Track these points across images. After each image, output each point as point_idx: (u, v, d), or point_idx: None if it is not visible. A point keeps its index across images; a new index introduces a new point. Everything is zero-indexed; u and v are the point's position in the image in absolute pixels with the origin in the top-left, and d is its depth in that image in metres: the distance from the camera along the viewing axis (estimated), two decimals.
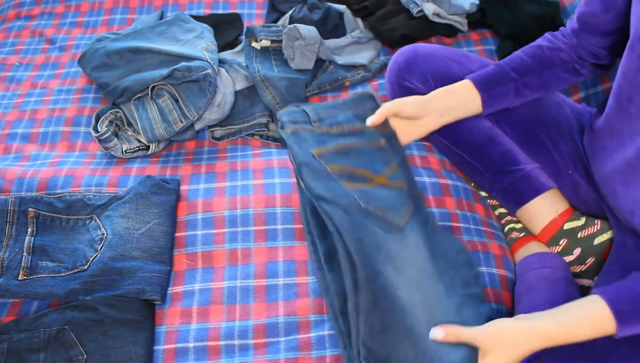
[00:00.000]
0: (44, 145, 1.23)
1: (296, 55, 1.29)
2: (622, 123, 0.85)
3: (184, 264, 0.99)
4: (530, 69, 0.95)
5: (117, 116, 1.19)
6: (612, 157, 0.88)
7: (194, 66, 1.17)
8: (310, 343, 0.89)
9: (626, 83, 0.82)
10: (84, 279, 0.93)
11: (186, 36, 1.33)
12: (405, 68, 1.05)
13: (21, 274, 0.94)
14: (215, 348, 0.89)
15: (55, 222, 1.02)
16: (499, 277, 0.98)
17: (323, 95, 1.30)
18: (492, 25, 1.43)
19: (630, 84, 0.81)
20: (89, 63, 1.30)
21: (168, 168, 1.15)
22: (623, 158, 0.84)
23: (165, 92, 1.17)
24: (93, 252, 0.97)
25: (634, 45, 0.79)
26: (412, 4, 1.39)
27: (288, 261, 0.98)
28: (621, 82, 0.84)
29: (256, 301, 0.94)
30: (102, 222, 1.01)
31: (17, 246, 0.98)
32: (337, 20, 1.43)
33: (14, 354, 0.86)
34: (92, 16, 1.56)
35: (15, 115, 1.29)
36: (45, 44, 1.49)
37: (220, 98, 1.18)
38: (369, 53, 1.39)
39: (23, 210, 1.02)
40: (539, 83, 0.96)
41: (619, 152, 0.86)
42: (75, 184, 1.09)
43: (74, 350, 0.87)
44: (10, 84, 1.38)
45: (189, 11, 1.54)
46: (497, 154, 1.03)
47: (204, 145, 1.21)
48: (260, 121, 1.21)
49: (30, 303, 0.96)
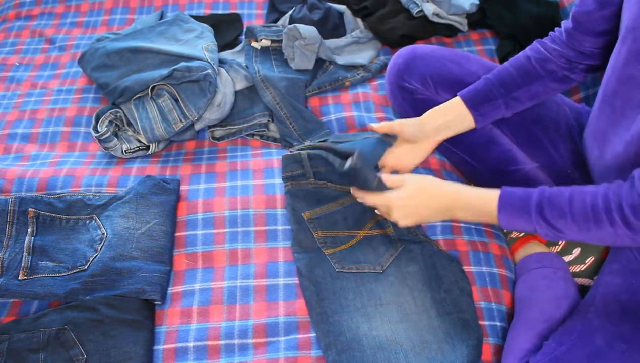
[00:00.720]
0: (44, 145, 1.23)
1: (296, 55, 1.29)
2: (608, 118, 0.84)
3: (184, 264, 0.99)
4: (517, 83, 0.95)
5: (117, 116, 1.19)
6: (604, 153, 0.87)
7: (194, 66, 1.17)
8: (310, 342, 0.89)
9: (613, 76, 0.82)
10: (84, 279, 0.93)
11: (186, 36, 1.33)
12: (405, 69, 1.05)
13: (21, 274, 0.94)
14: (215, 348, 0.89)
15: (55, 222, 1.02)
16: (499, 276, 0.98)
17: (323, 95, 1.30)
18: (492, 25, 1.43)
19: (617, 77, 0.81)
20: (89, 63, 1.29)
21: (168, 168, 1.15)
22: (614, 154, 0.84)
23: (165, 92, 1.17)
24: (93, 252, 0.97)
25: (625, 38, 0.79)
26: (412, 4, 1.39)
27: (288, 261, 0.98)
28: (609, 76, 0.83)
29: (256, 301, 0.94)
30: (102, 222, 1.01)
31: (17, 246, 0.98)
32: (337, 20, 1.43)
33: (14, 354, 0.86)
34: (92, 16, 1.56)
35: (15, 115, 1.29)
36: (45, 44, 1.49)
37: (220, 98, 1.18)
38: (369, 53, 1.39)
39: (23, 210, 1.02)
40: (529, 95, 0.96)
41: (609, 149, 0.85)
42: (75, 184, 1.09)
43: (74, 350, 0.87)
44: (10, 84, 1.38)
45: (189, 11, 1.54)
46: (496, 154, 1.03)
47: (204, 145, 1.21)
48: (260, 121, 1.21)
49: (30, 303, 0.96)
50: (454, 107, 0.97)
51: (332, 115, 1.25)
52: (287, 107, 1.21)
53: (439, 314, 0.91)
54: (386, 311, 0.92)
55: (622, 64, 0.79)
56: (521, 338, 0.85)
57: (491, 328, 0.92)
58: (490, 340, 0.91)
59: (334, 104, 1.27)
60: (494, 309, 0.94)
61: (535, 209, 0.75)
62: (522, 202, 0.77)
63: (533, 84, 0.94)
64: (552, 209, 0.74)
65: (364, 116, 1.22)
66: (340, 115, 1.24)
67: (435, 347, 0.88)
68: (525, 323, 0.88)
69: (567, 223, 0.73)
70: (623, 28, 0.79)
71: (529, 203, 0.76)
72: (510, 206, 0.78)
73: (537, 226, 0.76)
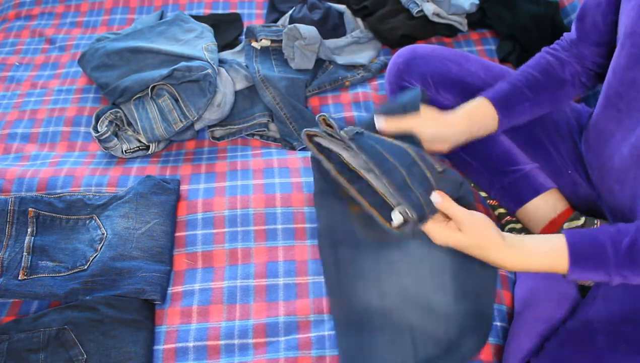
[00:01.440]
0: (44, 145, 1.23)
1: (296, 55, 1.29)
2: (612, 120, 0.85)
3: (184, 264, 0.99)
4: (543, 86, 0.93)
5: (117, 116, 1.19)
6: (606, 155, 0.88)
7: (194, 66, 1.17)
8: (310, 342, 0.89)
9: (615, 79, 0.82)
10: (84, 279, 0.93)
11: (186, 36, 1.33)
12: (405, 69, 1.05)
13: (21, 274, 0.94)
14: (215, 348, 0.89)
15: (55, 221, 1.02)
16: (500, 276, 0.98)
17: (323, 95, 1.30)
18: (492, 25, 1.43)
19: (619, 81, 0.81)
20: (89, 63, 1.29)
21: (168, 168, 1.15)
22: (618, 156, 0.84)
23: (165, 92, 1.17)
24: (93, 251, 0.97)
25: (623, 43, 0.79)
26: (412, 4, 1.39)
27: (288, 261, 0.98)
28: (610, 79, 0.84)
29: (256, 301, 0.94)
30: (102, 222, 1.01)
31: (17, 246, 0.98)
32: (337, 20, 1.43)
33: (14, 354, 0.86)
34: (92, 16, 1.56)
35: (15, 115, 1.29)
36: (45, 44, 1.49)
37: (220, 98, 1.18)
38: (369, 53, 1.39)
39: (23, 210, 1.02)
40: (552, 100, 0.95)
41: (613, 150, 0.86)
42: (75, 184, 1.09)
43: (74, 350, 0.87)
44: (10, 84, 1.38)
45: (189, 11, 1.54)
46: (496, 154, 1.03)
47: (204, 145, 1.21)
48: (260, 121, 1.21)
49: (30, 303, 0.96)
50: (481, 112, 0.90)
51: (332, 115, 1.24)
52: (287, 107, 1.21)
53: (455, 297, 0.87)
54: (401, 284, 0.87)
55: (623, 68, 0.79)
56: (522, 339, 0.85)
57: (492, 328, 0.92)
58: (491, 340, 0.91)
59: (334, 104, 1.27)
60: (494, 309, 0.94)
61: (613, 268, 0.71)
62: (594, 252, 0.72)
63: (557, 89, 0.94)
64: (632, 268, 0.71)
65: (364, 116, 1.22)
66: (340, 115, 1.24)
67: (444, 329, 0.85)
68: (526, 324, 0.88)
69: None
70: (622, 33, 0.80)
71: (604, 259, 0.72)
72: (584, 258, 0.72)
73: (612, 280, 0.73)
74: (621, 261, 0.70)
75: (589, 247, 0.72)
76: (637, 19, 0.76)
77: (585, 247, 0.72)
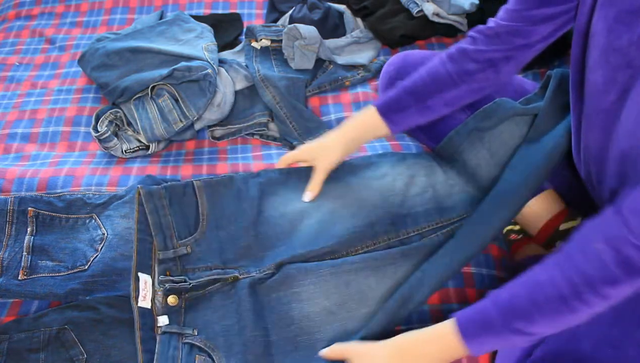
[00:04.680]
0: (44, 145, 1.23)
1: (296, 55, 1.29)
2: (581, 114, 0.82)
3: None
4: (429, 91, 0.94)
5: (117, 116, 1.19)
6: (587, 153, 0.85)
7: (194, 66, 1.17)
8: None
9: (575, 69, 0.81)
10: (84, 279, 0.93)
11: (186, 36, 1.33)
12: (396, 77, 1.06)
13: (21, 274, 0.94)
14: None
15: (54, 221, 1.02)
16: (498, 279, 0.98)
17: (323, 95, 1.30)
18: None
19: (576, 70, 0.80)
20: (89, 63, 1.30)
21: (168, 168, 1.15)
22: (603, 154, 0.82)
23: (165, 91, 1.17)
24: (93, 252, 0.97)
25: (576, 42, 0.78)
26: (412, 4, 1.39)
27: None
28: (572, 68, 0.82)
29: None
30: (103, 222, 1.01)
31: (16, 246, 0.98)
32: (337, 20, 1.43)
33: (14, 354, 0.86)
34: (92, 16, 1.56)
35: (15, 115, 1.29)
36: (45, 44, 1.49)
37: (220, 98, 1.18)
38: (369, 53, 1.39)
39: (22, 209, 1.02)
40: (443, 102, 0.95)
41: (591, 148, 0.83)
42: (75, 184, 1.09)
43: (74, 349, 0.87)
44: (10, 84, 1.38)
45: (189, 11, 1.54)
46: None
47: (204, 145, 1.21)
48: (260, 121, 1.21)
49: (30, 303, 0.96)
50: (367, 119, 0.97)
51: (332, 115, 1.25)
52: (287, 106, 1.21)
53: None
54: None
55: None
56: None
57: None
58: None
59: (334, 104, 1.27)
60: None
61: (501, 324, 0.69)
62: (483, 320, 0.71)
63: (445, 92, 0.93)
64: (518, 318, 0.68)
65: None
66: (340, 115, 1.24)
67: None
68: None
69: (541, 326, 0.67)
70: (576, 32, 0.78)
71: (490, 320, 0.70)
72: (474, 328, 0.71)
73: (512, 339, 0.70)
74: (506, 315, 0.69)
75: (473, 313, 0.72)
76: None
77: (469, 317, 0.72)
